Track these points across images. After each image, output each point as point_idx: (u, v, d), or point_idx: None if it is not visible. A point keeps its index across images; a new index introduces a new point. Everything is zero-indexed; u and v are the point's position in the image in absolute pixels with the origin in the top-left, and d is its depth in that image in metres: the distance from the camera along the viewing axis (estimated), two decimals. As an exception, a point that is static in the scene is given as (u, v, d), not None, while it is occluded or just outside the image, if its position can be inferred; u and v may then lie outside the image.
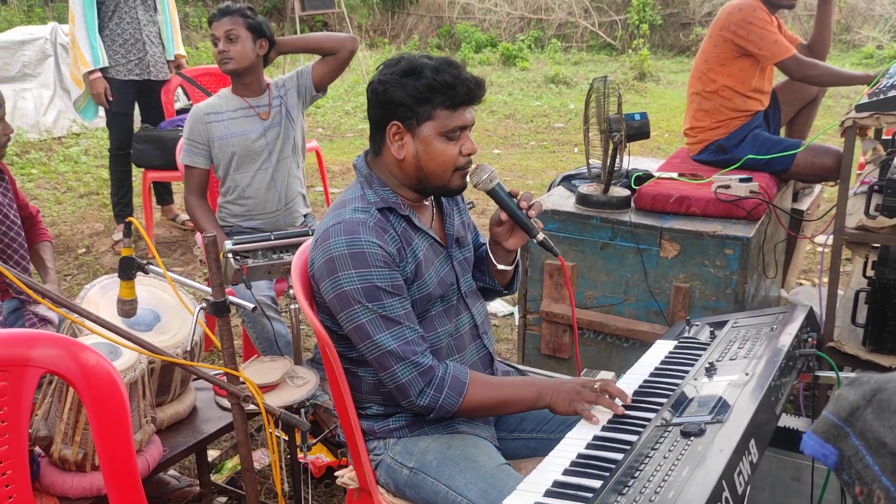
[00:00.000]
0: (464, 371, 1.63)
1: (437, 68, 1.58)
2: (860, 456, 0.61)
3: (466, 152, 1.64)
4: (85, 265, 4.34)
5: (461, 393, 1.60)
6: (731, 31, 3.04)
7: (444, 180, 1.66)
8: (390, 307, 1.59)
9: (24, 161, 6.09)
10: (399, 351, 1.58)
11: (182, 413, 2.12)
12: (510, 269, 1.84)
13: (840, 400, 0.66)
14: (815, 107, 3.47)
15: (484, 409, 1.65)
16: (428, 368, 1.59)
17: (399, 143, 1.63)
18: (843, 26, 11.00)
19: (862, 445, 0.62)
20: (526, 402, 1.63)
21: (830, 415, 0.66)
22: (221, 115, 2.85)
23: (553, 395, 1.59)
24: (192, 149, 2.86)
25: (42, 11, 11.25)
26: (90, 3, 4.10)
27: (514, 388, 1.65)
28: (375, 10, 12.90)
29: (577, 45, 11.80)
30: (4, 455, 1.40)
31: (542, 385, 1.63)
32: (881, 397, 0.62)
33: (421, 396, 1.59)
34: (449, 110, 1.59)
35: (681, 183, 2.88)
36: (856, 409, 0.63)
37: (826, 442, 0.66)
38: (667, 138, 6.93)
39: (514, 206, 1.70)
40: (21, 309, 2.30)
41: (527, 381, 1.69)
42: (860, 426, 0.62)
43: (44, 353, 1.39)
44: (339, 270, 1.58)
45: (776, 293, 3.27)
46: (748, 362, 1.65)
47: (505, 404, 1.65)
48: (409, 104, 1.58)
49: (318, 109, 8.24)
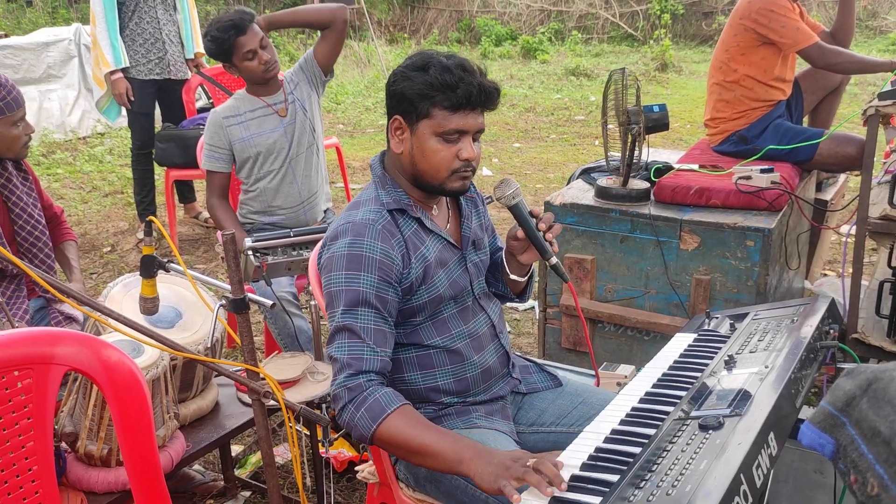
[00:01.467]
0: (391, 401, 1.50)
1: (445, 67, 1.55)
2: (855, 445, 0.61)
3: (463, 157, 1.59)
4: (110, 263, 4.40)
5: (376, 420, 1.48)
6: (752, 20, 3.00)
7: (439, 181, 1.62)
8: (362, 318, 1.56)
9: (49, 161, 6.18)
10: (346, 361, 1.54)
11: (205, 409, 2.15)
12: (523, 281, 1.81)
13: (836, 390, 0.66)
14: (839, 95, 3.41)
15: (401, 449, 1.50)
16: (356, 385, 1.51)
17: (399, 138, 1.63)
18: (869, 12, 10.81)
19: (857, 434, 0.61)
20: (446, 460, 1.44)
21: (827, 405, 0.66)
22: (240, 116, 2.87)
23: (479, 468, 1.38)
24: (213, 153, 2.88)
25: (66, 13, 11.41)
26: (111, 4, 4.15)
27: (439, 439, 1.46)
28: (395, 6, 12.91)
29: (597, 36, 11.72)
30: (30, 451, 1.42)
31: (469, 450, 1.43)
32: (876, 387, 0.61)
33: (343, 411, 1.53)
34: (448, 111, 1.55)
35: (701, 174, 2.85)
36: (852, 398, 0.63)
37: (823, 431, 0.66)
38: (689, 129, 6.86)
39: (533, 226, 1.65)
40: (47, 307, 2.34)
41: (457, 439, 1.47)
42: (856, 416, 0.62)
43: (67, 351, 1.42)
44: (333, 270, 1.59)
45: (800, 285, 3.23)
46: (768, 355, 1.63)
47: (422, 452, 1.46)
48: (411, 99, 1.57)
49: (339, 105, 8.28)
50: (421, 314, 1.67)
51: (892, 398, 0.59)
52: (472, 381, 1.72)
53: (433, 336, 1.69)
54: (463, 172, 1.61)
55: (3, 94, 2.13)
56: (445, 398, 1.71)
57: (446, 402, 1.71)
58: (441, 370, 1.70)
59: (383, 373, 1.57)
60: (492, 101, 1.59)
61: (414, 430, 1.48)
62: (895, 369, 0.62)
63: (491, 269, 1.86)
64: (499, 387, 1.78)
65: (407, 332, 1.68)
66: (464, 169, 1.61)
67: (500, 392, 1.78)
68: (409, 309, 1.66)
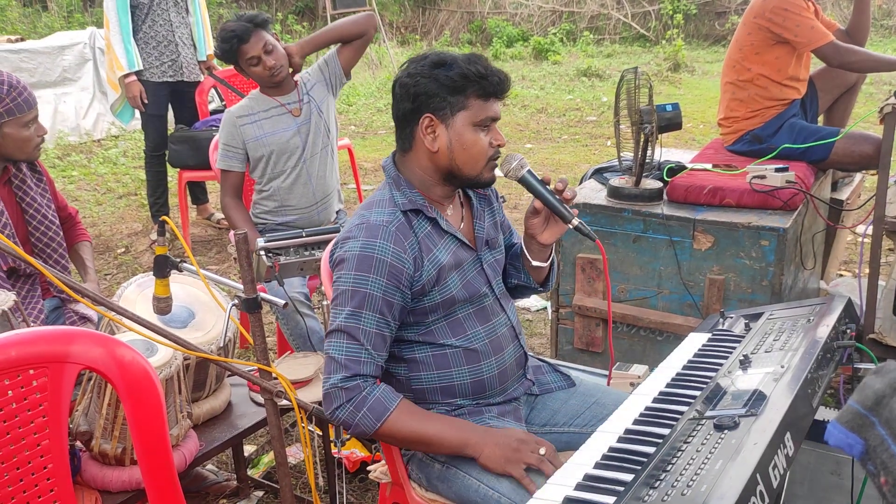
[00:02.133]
0: (392, 398, 1.57)
1: (468, 59, 1.60)
2: (885, 445, 0.60)
3: (497, 143, 1.64)
4: (124, 265, 4.43)
5: (380, 418, 1.55)
6: (766, 19, 2.98)
7: (477, 171, 1.65)
8: (365, 321, 1.57)
9: (65, 164, 6.24)
10: (342, 362, 1.56)
11: (217, 409, 2.15)
12: (545, 266, 1.81)
13: (865, 389, 0.64)
14: (855, 94, 3.38)
15: (405, 441, 1.60)
16: (354, 386, 1.55)
17: (432, 136, 1.63)
18: (884, 11, 10.72)
19: (888, 435, 0.60)
20: (451, 445, 1.55)
21: (855, 404, 0.65)
22: (254, 116, 2.88)
23: (485, 448, 1.48)
24: (228, 153, 2.89)
25: (82, 17, 11.50)
26: (124, 8, 4.18)
27: (443, 427, 1.57)
28: (406, 7, 12.94)
29: (609, 37, 11.69)
30: (46, 449, 1.43)
31: (473, 432, 1.54)
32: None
33: (339, 410, 1.56)
34: (482, 100, 1.60)
35: (714, 174, 2.83)
36: (882, 397, 0.62)
37: (851, 431, 0.64)
38: (702, 129, 6.83)
39: (547, 191, 1.67)
40: (62, 307, 2.36)
41: (460, 425, 1.59)
42: (886, 415, 0.61)
43: (81, 350, 1.43)
44: (344, 268, 1.60)
45: (815, 285, 3.20)
46: (784, 354, 1.62)
47: (428, 441, 1.57)
48: (442, 95, 1.59)
49: (351, 107, 8.30)
50: (434, 314, 1.67)
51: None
52: (488, 381, 1.71)
53: (448, 336, 1.69)
54: (494, 161, 1.66)
55: (15, 94, 2.14)
56: (459, 399, 1.71)
57: (459, 402, 1.71)
58: (458, 370, 1.69)
59: (377, 376, 1.61)
60: (510, 85, 1.66)
61: (417, 423, 1.56)
62: None
63: (512, 259, 1.86)
64: (513, 388, 1.77)
65: (421, 331, 1.68)
66: (495, 156, 1.66)
67: (514, 394, 1.77)
68: (421, 309, 1.66)
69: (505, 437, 1.48)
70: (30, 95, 2.21)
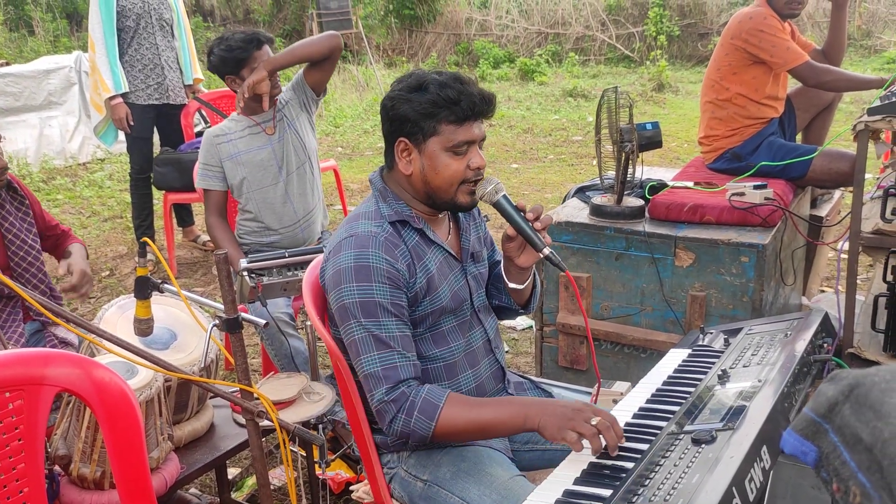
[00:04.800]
0: (439, 394, 1.56)
1: (443, 83, 1.58)
2: (838, 452, 0.61)
3: (474, 166, 1.62)
4: (108, 287, 4.41)
5: (433, 417, 1.53)
6: (743, 39, 3.03)
7: (450, 195, 1.64)
8: (385, 326, 1.57)
9: (50, 187, 6.22)
10: (381, 375, 1.56)
11: (199, 430, 2.14)
12: (523, 288, 1.80)
13: (819, 396, 0.65)
14: (832, 112, 3.43)
15: (465, 433, 1.57)
16: (400, 394, 1.54)
17: (407, 159, 1.64)
18: (863, 31, 10.90)
19: (840, 442, 0.61)
20: (513, 424, 1.53)
21: (810, 411, 0.65)
22: (230, 135, 2.90)
23: (542, 418, 1.48)
24: (207, 172, 2.91)
25: (68, 41, 11.53)
26: (111, 30, 4.20)
27: (497, 409, 1.56)
28: (393, 30, 13.04)
29: (594, 58, 11.81)
30: (21, 473, 1.42)
31: (529, 405, 1.53)
32: (858, 392, 0.61)
33: (394, 422, 1.55)
34: (454, 125, 1.59)
35: (695, 191, 2.86)
36: (834, 404, 0.63)
37: (805, 439, 0.65)
38: (686, 148, 6.89)
39: (520, 218, 1.64)
40: (42, 331, 2.34)
41: (513, 401, 1.59)
42: (838, 422, 0.61)
43: (58, 372, 1.42)
44: (343, 283, 1.59)
45: (797, 301, 3.22)
46: (761, 369, 1.63)
47: (488, 427, 1.55)
48: (414, 120, 1.59)
49: (337, 129, 8.33)
50: (422, 325, 1.68)
51: (874, 404, 0.59)
52: (466, 395, 1.72)
53: (431, 348, 1.69)
54: (474, 180, 1.64)
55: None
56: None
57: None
58: (438, 384, 1.69)
59: (418, 377, 1.60)
60: (492, 107, 1.63)
61: (472, 412, 1.55)
62: (876, 374, 0.62)
63: (493, 281, 1.87)
64: (493, 402, 1.77)
65: None
66: (475, 177, 1.63)
67: (494, 409, 1.77)
68: (411, 321, 1.66)
69: (562, 406, 1.47)
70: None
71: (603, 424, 1.42)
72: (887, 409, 0.58)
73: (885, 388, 0.59)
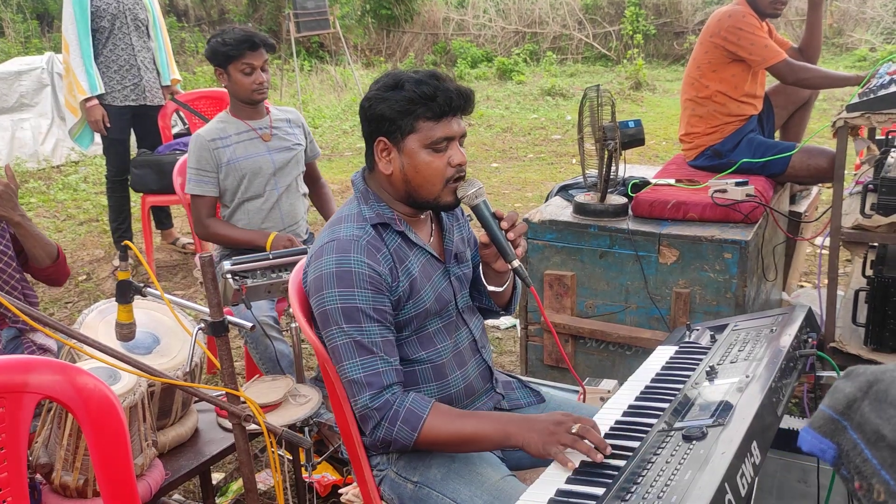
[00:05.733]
0: (423, 404, 1.56)
1: (419, 81, 1.57)
2: (858, 450, 0.60)
3: (455, 163, 1.61)
4: (86, 292, 4.34)
5: (416, 427, 1.54)
6: (722, 38, 3.06)
7: (434, 194, 1.63)
8: (368, 332, 1.56)
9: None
10: (364, 381, 1.55)
11: (184, 436, 2.11)
12: (503, 291, 1.80)
13: (836, 393, 0.65)
14: (809, 109, 3.47)
15: (447, 445, 1.57)
16: (384, 402, 1.54)
17: (386, 159, 1.63)
18: (835, 30, 11.04)
19: (860, 439, 0.60)
20: (493, 440, 1.53)
21: (827, 408, 0.65)
22: (227, 139, 2.86)
23: (525, 435, 1.48)
24: (202, 177, 2.85)
25: (39, 42, 11.36)
26: (85, 31, 4.13)
27: (480, 423, 1.55)
28: (371, 30, 13.00)
29: (572, 57, 11.86)
30: (4, 482, 1.39)
31: (512, 422, 1.53)
32: (878, 388, 0.61)
33: (377, 429, 1.55)
34: (432, 122, 1.58)
35: (678, 189, 2.88)
36: (853, 401, 0.62)
37: (823, 437, 0.65)
38: (664, 146, 6.94)
39: (495, 227, 1.63)
40: (20, 337, 2.30)
41: (497, 417, 1.58)
42: (857, 419, 0.61)
43: (40, 379, 1.39)
44: (325, 288, 1.58)
45: (777, 296, 3.26)
46: (748, 364, 1.64)
47: (469, 441, 1.55)
48: (392, 118, 1.58)
49: (316, 129, 8.28)
50: (407, 329, 1.67)
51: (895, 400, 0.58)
52: (455, 396, 1.71)
53: (418, 350, 1.68)
54: (456, 178, 1.63)
55: None
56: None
57: (429, 418, 1.70)
58: (426, 386, 1.69)
59: (401, 381, 1.59)
60: (470, 103, 1.62)
61: (454, 425, 1.55)
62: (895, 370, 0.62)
63: (474, 283, 1.86)
64: (482, 402, 1.77)
65: None
66: (457, 174, 1.62)
67: (483, 407, 1.77)
68: (396, 324, 1.65)
69: (543, 422, 1.48)
70: None
71: (583, 428, 1.43)
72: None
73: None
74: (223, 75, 2.84)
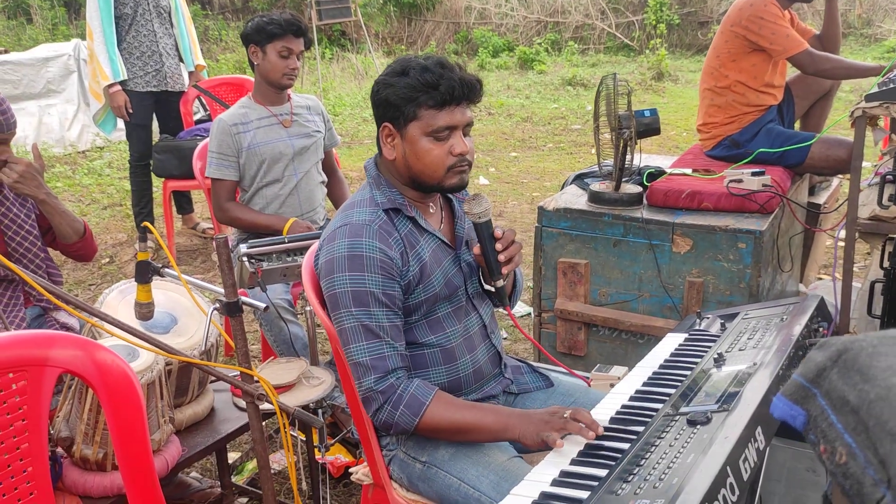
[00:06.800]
0: (426, 391, 1.59)
1: (424, 68, 1.58)
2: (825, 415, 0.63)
3: (457, 152, 1.62)
4: (108, 274, 4.42)
5: (418, 413, 1.57)
6: (743, 27, 3.04)
7: (436, 179, 1.65)
8: (376, 316, 1.59)
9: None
10: (370, 364, 1.58)
11: (200, 414, 2.16)
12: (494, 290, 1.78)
13: (808, 362, 0.67)
14: (830, 100, 3.44)
15: (447, 432, 1.61)
16: (388, 386, 1.57)
17: (391, 144, 1.65)
18: (864, 20, 10.87)
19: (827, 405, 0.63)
20: (492, 431, 1.57)
21: (799, 377, 0.67)
22: (248, 124, 2.90)
23: (521, 428, 1.53)
24: (223, 161, 2.89)
25: (66, 29, 11.49)
26: (109, 18, 4.19)
27: (480, 415, 1.59)
28: (392, 18, 12.99)
29: (594, 46, 11.79)
30: (25, 452, 1.44)
31: (510, 416, 1.57)
32: (846, 357, 0.63)
33: (379, 412, 1.58)
34: (434, 110, 1.58)
35: (693, 178, 2.87)
36: (822, 370, 0.65)
37: (794, 403, 0.67)
38: (685, 137, 6.90)
39: (489, 248, 1.67)
40: (44, 315, 2.36)
41: (496, 410, 1.61)
42: (826, 386, 0.63)
43: (61, 354, 1.43)
44: (336, 272, 1.61)
45: (794, 287, 3.24)
46: (757, 352, 1.65)
47: (468, 430, 1.58)
48: (396, 104, 1.60)
49: (336, 117, 8.32)
50: (417, 313, 1.69)
51: (861, 367, 0.61)
52: (464, 380, 1.74)
53: (427, 335, 1.71)
54: (459, 168, 1.64)
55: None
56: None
57: (439, 400, 1.72)
58: (434, 369, 1.71)
59: (406, 366, 1.62)
60: (475, 93, 1.62)
61: (456, 414, 1.58)
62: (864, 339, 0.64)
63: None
64: (490, 386, 1.79)
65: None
66: (459, 164, 1.63)
67: (492, 391, 1.79)
68: (405, 308, 1.67)
69: (538, 415, 1.54)
70: (5, 120, 2.12)
71: (574, 412, 1.49)
72: (874, 373, 0.59)
73: (872, 353, 0.61)
74: (258, 53, 2.88)
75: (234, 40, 11.39)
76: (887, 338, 0.63)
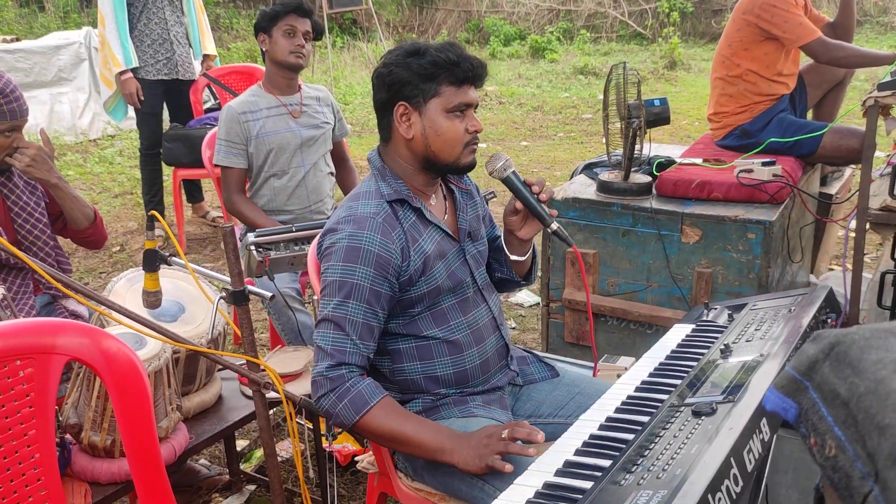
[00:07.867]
0: (375, 393, 1.58)
1: (440, 47, 1.62)
2: (816, 408, 0.62)
3: (472, 129, 1.66)
4: (119, 262, 4.45)
5: (359, 411, 1.56)
6: (755, 15, 3.00)
7: (454, 156, 1.67)
8: (352, 311, 1.59)
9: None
10: (328, 350, 1.59)
11: (208, 402, 2.17)
12: (524, 260, 1.83)
13: (801, 355, 0.67)
14: (843, 89, 3.40)
15: (382, 438, 1.60)
16: (338, 376, 1.57)
17: (407, 124, 1.65)
18: (880, 8, 10.73)
19: (818, 398, 0.62)
20: (427, 448, 1.55)
21: (791, 369, 0.67)
22: (257, 113, 2.90)
23: (461, 453, 1.50)
24: (231, 149, 2.89)
25: (78, 17, 11.51)
26: (121, 5, 4.20)
27: (420, 429, 1.57)
28: (404, 6, 12.95)
29: (606, 35, 11.70)
30: (33, 439, 1.45)
31: (450, 437, 1.54)
32: (838, 350, 0.62)
33: (323, 399, 1.58)
34: (454, 87, 1.62)
35: (703, 168, 2.85)
36: (815, 363, 0.64)
37: (786, 396, 0.66)
38: (697, 126, 6.85)
39: (529, 194, 1.69)
40: (53, 303, 2.37)
41: (437, 429, 1.58)
42: (818, 379, 0.63)
43: (68, 341, 1.44)
44: (332, 259, 1.62)
45: (804, 278, 3.22)
46: (764, 343, 1.64)
47: (405, 442, 1.57)
48: (414, 83, 1.61)
49: (347, 106, 8.32)
50: (419, 305, 1.69)
51: (853, 360, 0.60)
52: (471, 372, 1.74)
53: (432, 327, 1.71)
54: (473, 145, 1.68)
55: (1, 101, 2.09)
56: (443, 389, 1.73)
57: (444, 392, 1.73)
58: (440, 361, 1.71)
59: (363, 366, 1.62)
60: (486, 73, 1.68)
61: (395, 422, 1.57)
62: (856, 332, 0.64)
63: (494, 254, 1.89)
64: (496, 378, 1.79)
65: (405, 323, 1.70)
66: (473, 141, 1.67)
67: (498, 383, 1.79)
68: (408, 299, 1.67)
69: (475, 438, 1.51)
70: (18, 107, 2.12)
71: (511, 431, 1.47)
72: (864, 366, 0.59)
73: (863, 346, 0.61)
74: (266, 40, 2.88)
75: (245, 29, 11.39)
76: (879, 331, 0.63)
